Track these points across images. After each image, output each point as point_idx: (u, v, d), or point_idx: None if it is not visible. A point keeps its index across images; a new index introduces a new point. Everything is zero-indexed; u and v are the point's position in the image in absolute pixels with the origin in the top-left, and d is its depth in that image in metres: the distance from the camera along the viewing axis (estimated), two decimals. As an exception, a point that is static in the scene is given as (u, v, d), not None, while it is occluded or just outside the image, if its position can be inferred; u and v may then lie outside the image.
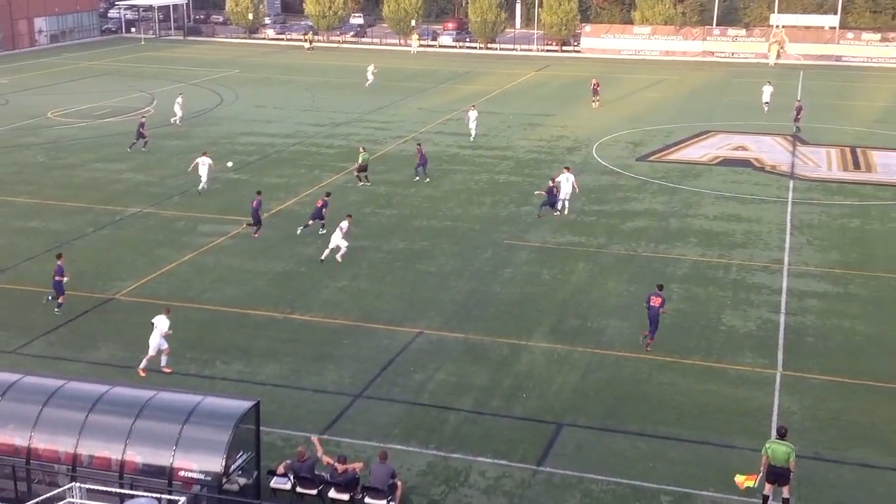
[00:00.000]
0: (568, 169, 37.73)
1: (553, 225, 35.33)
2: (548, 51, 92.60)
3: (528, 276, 29.97)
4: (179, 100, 53.79)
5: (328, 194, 35.11)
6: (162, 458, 16.67)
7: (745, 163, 45.61)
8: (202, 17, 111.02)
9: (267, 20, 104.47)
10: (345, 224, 30.67)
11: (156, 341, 22.88)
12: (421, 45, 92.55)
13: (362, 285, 29.08)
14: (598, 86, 61.10)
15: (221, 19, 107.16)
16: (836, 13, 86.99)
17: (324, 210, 33.18)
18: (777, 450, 17.31)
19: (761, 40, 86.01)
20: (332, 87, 67.98)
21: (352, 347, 24.65)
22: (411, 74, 75.65)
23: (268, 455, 18.66)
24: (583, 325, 26.22)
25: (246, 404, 17.46)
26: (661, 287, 25.33)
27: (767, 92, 58.90)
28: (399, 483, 17.61)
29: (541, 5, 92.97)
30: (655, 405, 21.69)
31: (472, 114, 50.77)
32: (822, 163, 45.75)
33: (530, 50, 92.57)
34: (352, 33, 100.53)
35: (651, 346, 24.43)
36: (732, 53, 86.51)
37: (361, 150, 42.01)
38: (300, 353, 24.31)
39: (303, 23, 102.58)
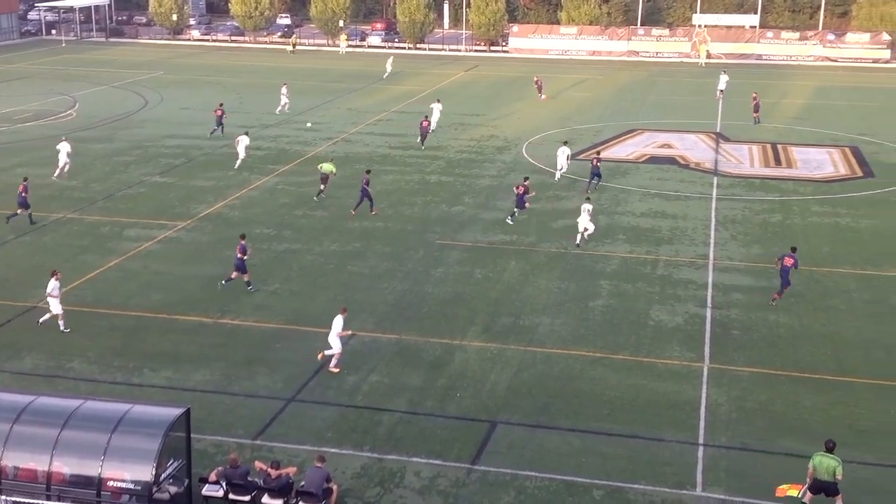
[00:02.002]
0: (566, 143, 42.35)
1: (484, 224, 35.52)
2: (476, 51, 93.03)
3: (461, 276, 30.08)
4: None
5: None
6: (90, 468, 16.33)
7: (671, 160, 46.43)
8: (125, 18, 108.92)
9: (192, 21, 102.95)
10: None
11: (335, 339, 23.09)
12: (349, 46, 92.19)
13: (294, 288, 28.86)
14: (540, 82, 63.41)
15: (145, 20, 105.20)
16: (756, 13, 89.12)
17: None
18: (823, 462, 17.22)
19: (684, 40, 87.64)
20: (260, 88, 67.29)
21: (284, 351, 24.45)
22: (340, 75, 75.30)
23: (199, 462, 18.41)
24: (515, 322, 26.41)
25: (176, 411, 17.21)
26: (794, 249, 27.95)
27: (723, 80, 62.42)
28: (334, 486, 17.53)
29: (468, 6, 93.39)
30: (587, 401, 21.96)
31: (437, 106, 52.54)
32: (744, 159, 46.80)
33: (459, 50, 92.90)
34: (279, 34, 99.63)
35: (777, 300, 27.26)
36: (657, 53, 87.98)
37: (328, 162, 40.07)
38: (231, 357, 24.02)
39: (228, 23, 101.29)
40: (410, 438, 20.22)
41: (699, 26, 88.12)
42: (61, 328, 25.25)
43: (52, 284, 25.01)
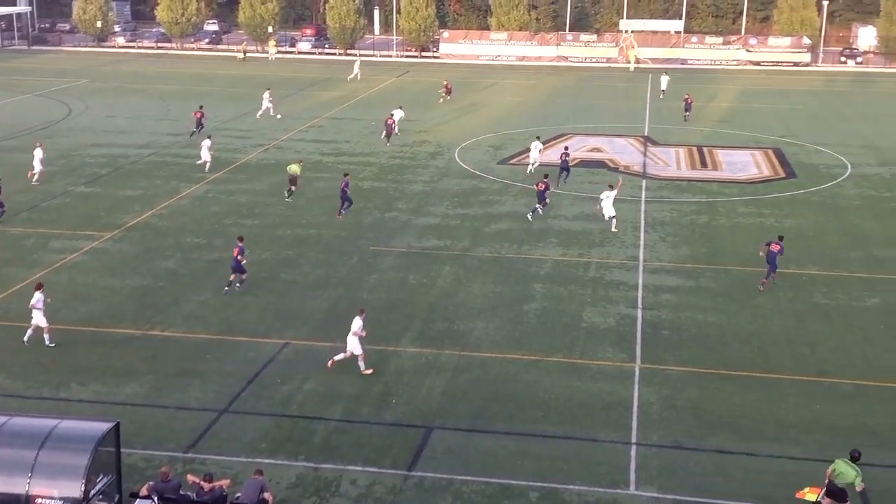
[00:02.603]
0: (538, 138, 45.78)
1: (418, 230, 35.54)
2: (408, 56, 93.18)
3: (395, 282, 30.04)
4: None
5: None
6: (17, 486, 15.90)
7: (601, 164, 47.04)
8: (48, 25, 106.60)
9: (116, 28, 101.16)
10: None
11: (353, 341, 23.19)
12: (279, 52, 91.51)
13: (225, 298, 28.47)
14: (449, 85, 65.36)
15: (68, 28, 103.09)
16: (680, 18, 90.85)
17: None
18: (846, 472, 17.27)
19: (612, 45, 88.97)
20: (189, 95, 66.37)
21: (215, 362, 24.11)
22: (269, 82, 74.63)
23: (130, 477, 18.04)
24: (450, 327, 26.46)
25: (105, 426, 16.85)
26: (781, 238, 29.65)
27: (665, 81, 66.48)
28: (269, 497, 17.33)
29: (399, 12, 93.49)
30: (522, 403, 22.10)
31: (398, 113, 53.31)
32: (671, 162, 47.64)
33: (390, 56, 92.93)
34: (207, 40, 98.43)
35: (765, 285, 28.91)
36: (585, 58, 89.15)
37: (295, 163, 40.21)
38: (161, 370, 23.60)
39: (154, 30, 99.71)
40: (346, 447, 20.11)
41: (626, 32, 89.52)
42: (46, 342, 24.66)
43: (37, 297, 24.56)
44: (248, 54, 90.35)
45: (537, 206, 36.92)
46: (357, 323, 23.45)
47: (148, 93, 67.32)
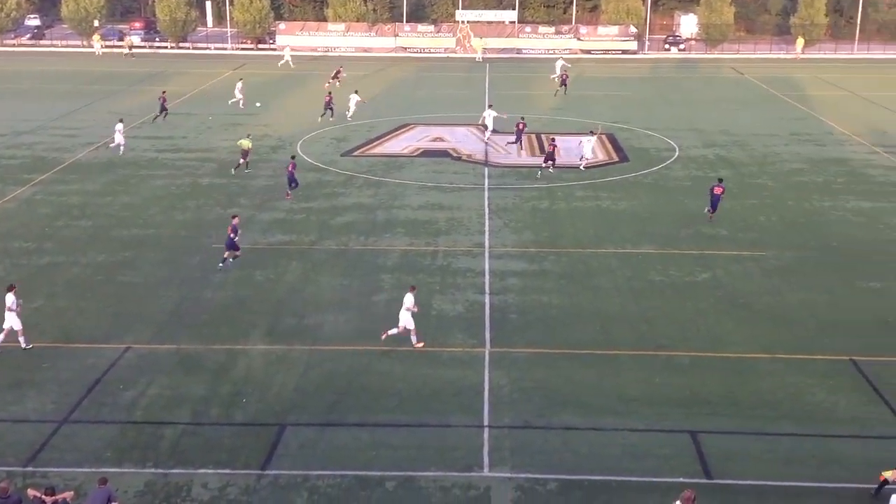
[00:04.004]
0: (490, 106, 49.79)
1: (262, 226, 34.95)
2: (243, 49, 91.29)
3: (240, 279, 29.44)
4: None
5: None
6: None
7: (444, 153, 47.52)
8: None
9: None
10: None
11: (406, 317, 24.07)
12: (105, 47, 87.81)
13: (60, 303, 27.20)
14: (340, 71, 67.00)
15: None
16: (514, 8, 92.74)
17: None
18: None
19: (449, 36, 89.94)
20: (10, 93, 62.80)
21: (53, 370, 23.00)
22: (98, 77, 71.64)
23: (-37, 499, 17.00)
24: (299, 323, 26.18)
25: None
26: (721, 180, 36.29)
27: (558, 66, 69.19)
28: (116, 507, 16.72)
29: (232, 3, 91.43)
30: (375, 394, 22.13)
31: (354, 97, 55.23)
32: (512, 150, 48.60)
33: (225, 48, 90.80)
34: (28, 36, 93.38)
35: (712, 218, 34.95)
36: (423, 49, 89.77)
37: (245, 138, 43.22)
38: (-7, 383, 22.32)
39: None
40: (196, 450, 19.61)
41: (462, 22, 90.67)
42: (22, 345, 23.62)
43: (10, 299, 23.80)
44: (133, 49, 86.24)
45: (544, 165, 42.51)
46: (409, 299, 24.31)
47: (-36, 91, 63.33)
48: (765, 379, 23.00)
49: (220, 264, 30.02)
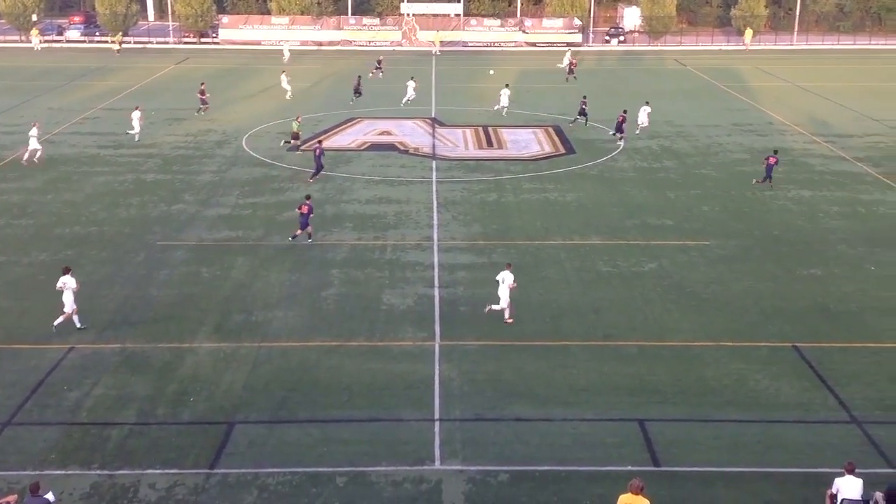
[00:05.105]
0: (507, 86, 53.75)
1: (208, 222, 34.56)
2: (186, 43, 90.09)
3: (187, 276, 29.09)
4: None
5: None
6: None
7: (391, 147, 47.41)
8: None
9: None
10: None
11: (505, 294, 25.40)
12: (45, 42, 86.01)
13: (2, 304, 26.64)
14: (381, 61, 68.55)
15: None
16: (459, 1, 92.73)
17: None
18: None
19: (395, 28, 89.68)
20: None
21: (-6, 373, 22.51)
22: (37, 73, 70.20)
23: None
24: (247, 319, 25.94)
25: None
26: (776, 152, 40.59)
27: (566, 56, 73.13)
28: (61, 511, 16.41)
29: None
30: (325, 390, 22.02)
31: (411, 84, 58.06)
32: (459, 143, 48.69)
33: (167, 43, 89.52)
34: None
35: (761, 183, 38.93)
36: (369, 42, 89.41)
37: (297, 119, 46.03)
38: (-69, 387, 21.79)
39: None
40: (143, 450, 19.34)
41: (408, 15, 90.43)
42: (77, 325, 24.73)
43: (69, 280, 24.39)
44: (123, 45, 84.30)
45: (615, 133, 47.49)
46: (509, 276, 25.55)
47: None
48: (710, 366, 23.35)
49: (290, 238, 32.07)
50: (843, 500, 16.63)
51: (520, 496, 18.06)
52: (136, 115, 47.59)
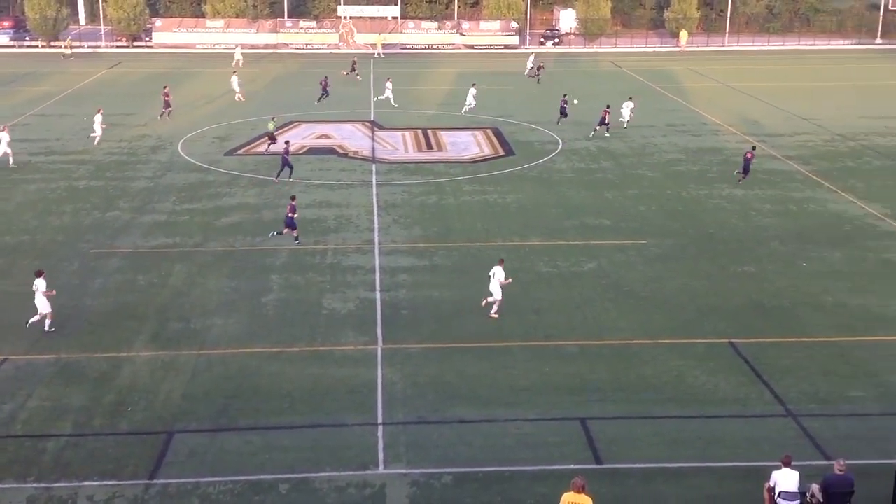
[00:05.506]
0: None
1: (144, 228, 34.02)
2: (118, 47, 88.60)
3: (122, 285, 28.60)
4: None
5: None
6: None
7: (330, 150, 47.18)
8: None
9: None
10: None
11: (496, 288, 25.94)
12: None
13: (-72, 317, 25.89)
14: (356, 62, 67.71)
15: None
16: (396, 4, 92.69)
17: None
18: None
19: (332, 31, 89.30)
20: None
21: (-78, 388, 21.87)
22: (-36, 77, 68.43)
23: None
24: (186, 327, 25.59)
25: None
26: (754, 147, 42.97)
27: (530, 60, 73.25)
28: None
29: (105, 0, 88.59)
30: (266, 397, 21.81)
31: (388, 85, 58.50)
32: (399, 145, 48.66)
33: (99, 47, 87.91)
34: None
35: (741, 182, 40.36)
36: (306, 45, 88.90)
37: (272, 120, 47.47)
38: None
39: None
40: (80, 462, 18.96)
41: (345, 18, 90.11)
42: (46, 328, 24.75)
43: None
44: (73, 49, 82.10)
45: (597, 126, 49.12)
46: (500, 271, 26.07)
47: None
48: (649, 364, 23.67)
49: (274, 234, 32.36)
50: (780, 492, 16.97)
51: (464, 498, 18.09)
52: (98, 118, 46.94)
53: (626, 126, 51.92)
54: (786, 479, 16.98)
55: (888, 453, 18.76)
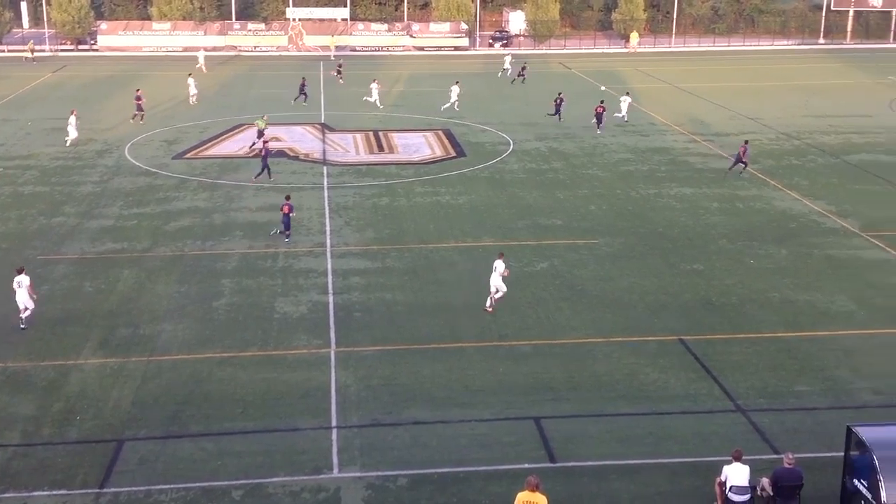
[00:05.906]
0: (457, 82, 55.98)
1: (91, 234, 33.50)
2: (63, 50, 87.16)
3: (69, 291, 28.13)
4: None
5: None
6: None
7: (281, 153, 46.85)
8: None
9: None
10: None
11: (499, 281, 26.46)
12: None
13: None
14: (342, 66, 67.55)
15: None
16: (346, 6, 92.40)
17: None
18: None
19: (280, 34, 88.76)
20: None
21: None
22: None
23: None
24: (135, 333, 25.24)
25: None
26: (747, 142, 43.75)
27: (506, 61, 73.52)
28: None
29: (49, 3, 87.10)
30: (218, 402, 21.60)
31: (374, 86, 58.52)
32: (350, 148, 48.51)
33: (43, 50, 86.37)
34: None
35: (744, 170, 42.43)
36: (255, 47, 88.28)
37: (263, 118, 47.09)
38: None
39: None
40: (28, 472, 18.61)
41: (294, 20, 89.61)
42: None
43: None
44: (35, 52, 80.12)
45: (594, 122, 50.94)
46: (501, 264, 26.60)
47: None
48: (601, 362, 23.87)
49: (274, 231, 33.03)
50: (731, 486, 17.22)
51: (420, 499, 18.08)
52: (72, 119, 46.71)
53: (626, 121, 54.00)
54: (737, 474, 17.23)
55: (835, 446, 19.12)
